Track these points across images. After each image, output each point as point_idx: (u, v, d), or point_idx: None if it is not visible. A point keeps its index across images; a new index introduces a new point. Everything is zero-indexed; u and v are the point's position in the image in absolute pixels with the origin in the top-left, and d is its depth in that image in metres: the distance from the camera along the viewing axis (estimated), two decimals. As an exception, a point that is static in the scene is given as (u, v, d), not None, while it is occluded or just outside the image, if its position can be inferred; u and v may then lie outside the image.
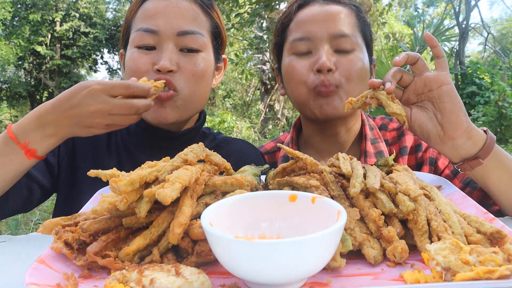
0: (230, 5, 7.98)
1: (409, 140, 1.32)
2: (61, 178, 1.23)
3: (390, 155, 1.29)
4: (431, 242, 0.70)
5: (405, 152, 1.31)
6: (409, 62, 0.94)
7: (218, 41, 1.26)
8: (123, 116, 0.92)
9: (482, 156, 0.94)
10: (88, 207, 0.88)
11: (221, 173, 0.89)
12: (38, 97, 20.09)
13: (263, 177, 0.94)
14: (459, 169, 0.99)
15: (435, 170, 1.28)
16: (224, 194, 0.77)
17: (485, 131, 0.97)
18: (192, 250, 0.68)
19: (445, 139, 0.94)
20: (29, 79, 20.05)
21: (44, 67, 19.28)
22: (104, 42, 19.73)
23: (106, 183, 0.79)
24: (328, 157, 0.92)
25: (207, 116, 1.59)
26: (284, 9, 1.33)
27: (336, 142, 1.33)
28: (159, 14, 1.14)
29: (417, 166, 1.30)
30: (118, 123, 0.94)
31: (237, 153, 1.34)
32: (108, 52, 20.91)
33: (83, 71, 21.27)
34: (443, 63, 0.95)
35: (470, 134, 0.93)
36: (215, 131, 1.44)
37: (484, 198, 1.12)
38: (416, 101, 0.97)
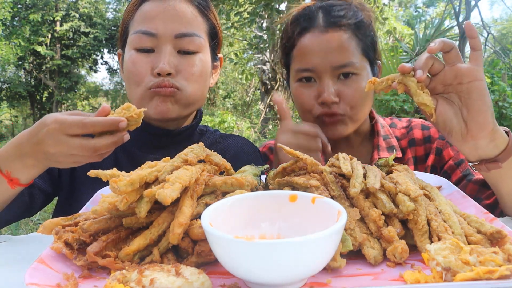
0: (231, 3, 7.97)
1: (417, 134, 1.36)
2: (61, 181, 1.24)
3: (400, 149, 1.32)
4: (431, 242, 0.70)
5: (414, 143, 1.35)
6: (444, 49, 0.88)
7: (215, 41, 1.28)
8: (84, 156, 0.85)
9: (502, 159, 0.90)
10: (88, 207, 0.88)
11: (221, 173, 0.89)
12: (38, 97, 20.09)
13: (263, 177, 0.94)
14: (474, 168, 0.96)
15: (440, 160, 1.30)
16: (224, 194, 0.77)
17: (507, 133, 0.93)
18: (192, 250, 0.68)
19: (467, 138, 0.90)
20: (29, 79, 20.04)
21: (44, 67, 19.28)
22: (104, 42, 19.72)
23: (106, 183, 0.79)
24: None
25: (207, 116, 1.61)
26: (286, 28, 1.33)
27: (347, 143, 1.38)
28: (157, 17, 1.15)
29: (425, 156, 1.33)
30: (82, 161, 0.88)
31: (234, 147, 1.36)
32: (108, 52, 20.91)
33: (83, 71, 21.27)
34: (478, 57, 0.88)
35: (494, 137, 0.89)
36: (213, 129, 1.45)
37: (479, 192, 1.13)
38: (442, 92, 0.91)
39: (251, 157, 1.33)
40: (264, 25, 8.84)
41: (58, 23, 18.54)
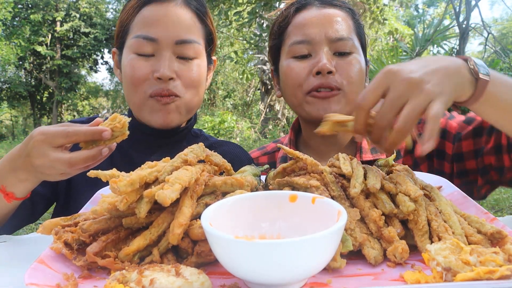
0: (230, 2, 7.96)
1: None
2: (60, 184, 1.25)
3: None
4: (432, 242, 0.70)
5: (399, 155, 1.30)
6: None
7: (211, 46, 1.31)
8: (65, 169, 0.85)
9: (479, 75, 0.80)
10: (88, 207, 0.88)
11: (221, 174, 0.89)
12: (38, 97, 20.10)
13: (263, 177, 0.94)
14: (470, 110, 0.88)
15: (445, 156, 1.25)
16: (224, 194, 0.77)
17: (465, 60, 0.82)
18: (192, 251, 0.68)
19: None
20: (29, 79, 20.06)
21: (44, 67, 19.31)
22: (104, 42, 19.75)
23: (106, 184, 0.79)
24: (326, 157, 0.88)
25: (207, 116, 1.62)
26: (281, 11, 1.34)
27: (334, 142, 1.34)
28: (158, 22, 1.16)
29: (414, 164, 1.29)
30: (68, 173, 0.87)
31: (229, 155, 1.35)
32: (109, 52, 20.93)
33: (83, 71, 21.30)
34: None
35: (457, 88, 0.78)
36: (214, 132, 1.46)
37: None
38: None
39: (245, 165, 1.34)
40: (265, 24, 8.83)
41: (58, 23, 18.57)
